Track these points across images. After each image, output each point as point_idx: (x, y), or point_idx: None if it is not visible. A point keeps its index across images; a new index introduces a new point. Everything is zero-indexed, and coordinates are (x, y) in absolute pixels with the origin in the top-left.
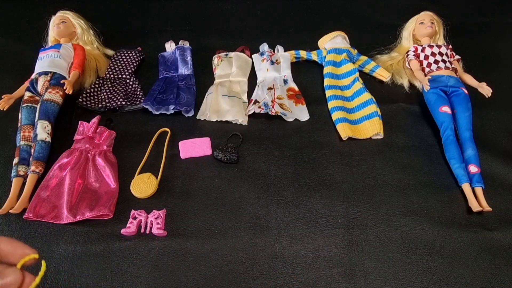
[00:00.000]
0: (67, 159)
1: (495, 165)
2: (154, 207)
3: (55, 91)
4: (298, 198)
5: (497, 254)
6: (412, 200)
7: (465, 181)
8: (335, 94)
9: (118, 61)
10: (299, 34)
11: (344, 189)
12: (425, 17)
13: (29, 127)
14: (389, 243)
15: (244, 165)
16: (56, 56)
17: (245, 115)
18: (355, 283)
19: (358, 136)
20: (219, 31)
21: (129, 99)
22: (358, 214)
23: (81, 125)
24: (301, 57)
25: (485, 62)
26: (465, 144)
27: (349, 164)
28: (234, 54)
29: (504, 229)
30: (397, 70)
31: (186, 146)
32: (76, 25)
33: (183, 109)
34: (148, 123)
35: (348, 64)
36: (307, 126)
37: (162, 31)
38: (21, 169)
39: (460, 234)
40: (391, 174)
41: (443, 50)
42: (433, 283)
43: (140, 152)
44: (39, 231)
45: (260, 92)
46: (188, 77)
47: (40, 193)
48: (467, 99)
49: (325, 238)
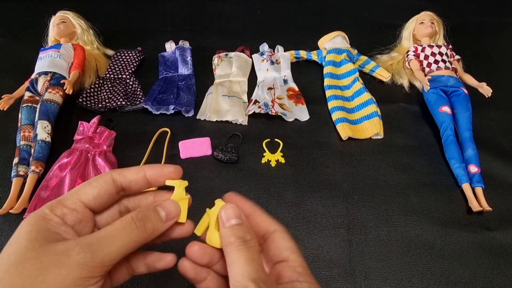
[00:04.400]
0: (67, 159)
1: (495, 165)
2: None
3: (55, 91)
4: (298, 198)
5: (497, 254)
6: (412, 200)
7: (465, 181)
8: (335, 94)
9: (118, 61)
10: (299, 34)
11: (344, 189)
12: (425, 17)
13: (29, 127)
14: (389, 243)
15: (244, 165)
16: (56, 56)
17: (245, 115)
18: (355, 283)
19: (358, 136)
20: (219, 31)
21: (129, 99)
22: (358, 214)
23: (81, 125)
24: (301, 57)
25: (485, 62)
26: (465, 144)
27: (349, 164)
28: (234, 54)
29: (504, 229)
30: (397, 70)
31: (186, 146)
32: (76, 25)
33: (183, 109)
34: (148, 123)
35: (348, 64)
36: (307, 126)
37: (162, 31)
38: (21, 169)
39: (460, 234)
40: (391, 174)
41: (443, 50)
42: (433, 283)
43: (140, 152)
44: None
45: (260, 92)
46: (188, 77)
47: (40, 193)
48: (467, 99)
49: (325, 238)
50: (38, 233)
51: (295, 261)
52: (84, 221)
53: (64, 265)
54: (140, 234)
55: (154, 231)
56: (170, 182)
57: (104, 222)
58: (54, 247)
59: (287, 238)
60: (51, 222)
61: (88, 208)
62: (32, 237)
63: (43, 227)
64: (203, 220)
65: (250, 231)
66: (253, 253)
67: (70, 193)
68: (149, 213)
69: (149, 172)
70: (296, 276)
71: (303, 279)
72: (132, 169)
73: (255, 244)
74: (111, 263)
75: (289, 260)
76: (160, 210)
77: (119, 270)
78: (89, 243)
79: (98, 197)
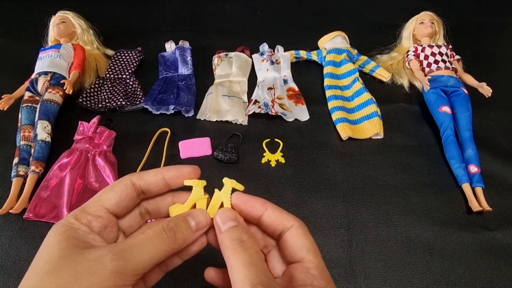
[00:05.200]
0: (67, 159)
1: (495, 165)
2: None
3: (55, 91)
4: (298, 198)
5: (497, 254)
6: (412, 200)
7: (465, 181)
8: (335, 94)
9: (118, 61)
10: (299, 34)
11: (344, 189)
12: (425, 17)
13: (29, 127)
14: (389, 243)
15: (244, 165)
16: (56, 56)
17: (245, 115)
18: (355, 283)
19: (358, 136)
20: (219, 31)
21: (129, 99)
22: (358, 214)
23: (81, 125)
24: (301, 57)
25: (485, 62)
26: (465, 144)
27: (349, 164)
28: (234, 54)
29: (504, 229)
30: (397, 70)
31: (186, 146)
32: (76, 25)
33: (183, 109)
34: (148, 123)
35: (348, 64)
36: (307, 126)
37: (162, 31)
38: (21, 169)
39: (460, 234)
40: (391, 174)
41: (443, 50)
42: (433, 283)
43: (140, 152)
44: (39, 231)
45: (260, 92)
46: (188, 77)
47: (40, 193)
48: (467, 99)
49: (325, 238)
50: (68, 242)
51: (310, 262)
52: (109, 227)
53: (97, 273)
54: (171, 244)
55: (184, 241)
56: (189, 182)
57: (127, 225)
58: (86, 255)
59: (303, 235)
60: (78, 231)
61: (112, 213)
62: (63, 246)
63: (72, 236)
64: (214, 201)
65: (246, 230)
66: (251, 254)
67: (92, 200)
68: (179, 223)
69: (167, 173)
70: (310, 279)
71: (317, 283)
72: (150, 172)
73: (253, 243)
74: (143, 271)
75: (304, 261)
76: (190, 220)
77: (153, 272)
78: (121, 251)
79: (120, 201)
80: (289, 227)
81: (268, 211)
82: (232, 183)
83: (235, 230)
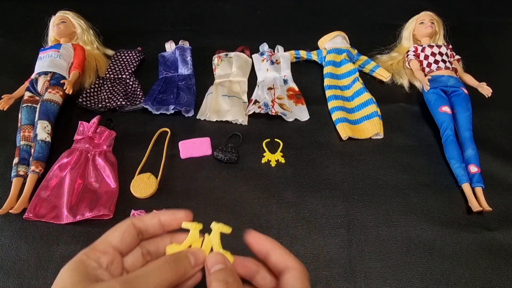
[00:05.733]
0: (67, 159)
1: (495, 165)
2: (154, 207)
3: (55, 91)
4: (298, 198)
5: (497, 254)
6: (412, 200)
7: (465, 181)
8: (335, 94)
9: (118, 61)
10: (299, 34)
11: (344, 189)
12: (425, 17)
13: (29, 127)
14: (389, 243)
15: (244, 165)
16: (56, 56)
17: (245, 115)
18: (355, 283)
19: (358, 136)
20: (219, 31)
21: (129, 99)
22: (358, 214)
23: (81, 125)
24: (301, 57)
25: (485, 62)
26: (465, 144)
27: (349, 164)
28: (234, 54)
29: (504, 229)
30: (397, 70)
31: (186, 146)
32: (76, 25)
33: (183, 109)
34: (148, 123)
35: (348, 64)
36: (307, 126)
37: (162, 31)
38: (21, 169)
39: (460, 234)
40: (391, 174)
41: (443, 50)
42: (433, 283)
43: (140, 152)
44: (39, 231)
45: (260, 92)
46: (188, 77)
47: (40, 193)
48: (467, 99)
49: (325, 238)
50: (80, 276)
51: None
52: (115, 262)
53: None
54: (173, 274)
55: (185, 273)
56: (186, 224)
57: (130, 264)
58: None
59: (301, 279)
60: (89, 266)
61: (117, 250)
62: (75, 280)
63: (83, 271)
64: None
65: (232, 273)
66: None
67: (100, 239)
68: (181, 257)
69: (162, 217)
70: None
71: None
72: (148, 215)
73: (237, 285)
74: None
75: None
76: (190, 256)
77: None
78: (128, 281)
79: (123, 239)
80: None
81: (275, 248)
82: (219, 227)
83: (222, 272)
